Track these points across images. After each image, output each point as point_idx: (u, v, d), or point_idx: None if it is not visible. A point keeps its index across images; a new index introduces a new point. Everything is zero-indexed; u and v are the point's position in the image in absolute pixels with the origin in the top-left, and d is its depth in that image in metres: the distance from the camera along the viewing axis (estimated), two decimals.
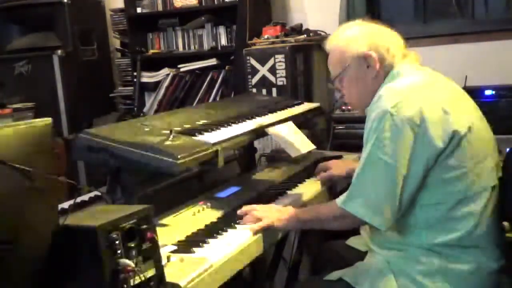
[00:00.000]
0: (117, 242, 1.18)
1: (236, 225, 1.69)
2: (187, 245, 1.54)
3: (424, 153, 1.51)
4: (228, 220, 1.74)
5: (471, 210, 1.55)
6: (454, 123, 1.52)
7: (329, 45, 1.80)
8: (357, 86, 1.73)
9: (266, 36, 3.29)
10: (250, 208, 1.74)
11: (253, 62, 3.14)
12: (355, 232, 1.93)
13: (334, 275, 1.70)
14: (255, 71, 3.14)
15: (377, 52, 1.68)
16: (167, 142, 1.66)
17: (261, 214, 1.71)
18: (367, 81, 1.70)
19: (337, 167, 2.16)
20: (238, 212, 1.76)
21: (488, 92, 2.78)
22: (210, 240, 1.57)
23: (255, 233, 1.65)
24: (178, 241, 1.58)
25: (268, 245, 1.73)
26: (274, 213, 1.73)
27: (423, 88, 1.58)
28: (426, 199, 1.55)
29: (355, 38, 1.71)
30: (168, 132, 1.72)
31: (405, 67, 1.68)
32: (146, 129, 1.80)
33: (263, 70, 3.12)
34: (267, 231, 1.70)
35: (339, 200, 1.62)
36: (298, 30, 3.35)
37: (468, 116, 1.58)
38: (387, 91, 1.58)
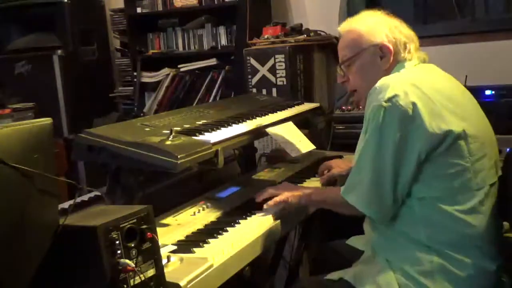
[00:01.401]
0: (117, 242, 1.18)
1: (236, 224, 1.70)
2: (187, 245, 1.54)
3: (416, 144, 1.52)
4: (228, 220, 1.74)
5: (469, 208, 1.55)
6: (448, 122, 1.52)
7: (346, 27, 1.78)
8: (366, 74, 1.73)
9: (266, 36, 3.29)
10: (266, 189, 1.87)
11: (253, 62, 3.14)
12: (357, 231, 1.94)
13: (335, 275, 1.70)
14: (255, 71, 3.14)
15: (394, 45, 1.69)
16: (167, 142, 1.66)
17: (276, 190, 1.83)
18: (376, 71, 1.70)
19: (339, 166, 2.18)
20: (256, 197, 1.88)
21: (488, 92, 2.78)
22: (210, 240, 1.57)
23: (271, 209, 1.79)
24: (178, 241, 1.58)
25: (268, 245, 1.74)
26: (289, 189, 1.84)
27: (420, 84, 1.57)
28: (423, 193, 1.56)
29: (376, 26, 1.71)
30: (168, 132, 1.72)
31: (411, 63, 1.69)
32: (146, 129, 1.80)
33: (263, 70, 3.11)
34: (267, 231, 1.70)
35: (342, 188, 1.65)
36: (298, 30, 3.35)
37: (465, 118, 1.57)
38: (385, 83, 1.58)
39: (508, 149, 1.72)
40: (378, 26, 1.71)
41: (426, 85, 1.58)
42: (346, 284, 1.65)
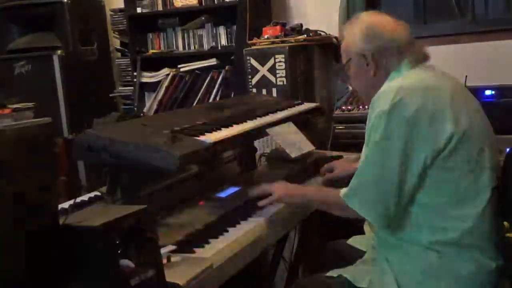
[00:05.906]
0: (117, 242, 1.18)
1: (236, 224, 1.70)
2: (187, 245, 1.54)
3: (422, 152, 1.52)
4: (228, 220, 1.74)
5: (470, 210, 1.55)
6: (452, 125, 1.53)
7: (341, 34, 1.84)
8: (359, 79, 1.78)
9: (266, 36, 3.29)
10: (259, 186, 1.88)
11: (253, 62, 3.14)
12: (357, 231, 1.94)
13: (335, 272, 1.70)
14: (255, 71, 3.14)
15: (374, 53, 1.70)
16: (167, 142, 1.66)
17: (270, 188, 1.82)
18: (367, 76, 1.73)
19: (342, 167, 2.18)
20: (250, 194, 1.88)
21: (488, 92, 2.78)
22: (210, 240, 1.57)
23: (269, 208, 1.78)
24: (178, 241, 1.58)
25: (268, 245, 1.74)
26: (284, 188, 1.83)
27: (423, 88, 1.58)
28: (425, 199, 1.56)
29: (355, 37, 1.73)
30: (168, 132, 1.72)
31: (407, 66, 1.68)
32: (146, 129, 1.80)
33: (263, 70, 3.12)
34: (267, 231, 1.70)
35: (342, 191, 1.64)
36: (298, 30, 3.35)
37: (467, 118, 1.57)
38: (387, 90, 1.59)
39: (508, 149, 1.72)
40: (357, 36, 1.73)
41: (429, 88, 1.59)
42: (345, 281, 1.65)
